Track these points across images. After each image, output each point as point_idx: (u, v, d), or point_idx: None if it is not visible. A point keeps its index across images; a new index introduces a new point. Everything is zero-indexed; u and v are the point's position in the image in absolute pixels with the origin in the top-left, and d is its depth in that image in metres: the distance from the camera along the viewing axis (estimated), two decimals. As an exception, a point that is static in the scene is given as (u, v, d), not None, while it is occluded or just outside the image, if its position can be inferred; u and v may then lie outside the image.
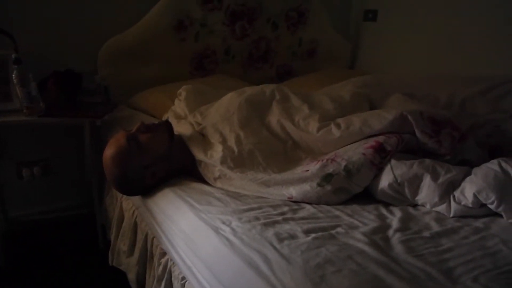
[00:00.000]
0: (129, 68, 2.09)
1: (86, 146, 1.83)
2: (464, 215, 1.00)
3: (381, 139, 1.13)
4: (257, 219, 0.99)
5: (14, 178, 2.03)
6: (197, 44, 2.22)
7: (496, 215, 0.99)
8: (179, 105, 1.57)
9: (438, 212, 1.03)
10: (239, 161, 1.20)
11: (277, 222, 0.98)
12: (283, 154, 1.26)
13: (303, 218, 1.00)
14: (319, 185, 1.08)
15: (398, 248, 0.87)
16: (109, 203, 1.69)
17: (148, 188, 1.27)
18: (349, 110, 1.32)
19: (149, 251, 1.28)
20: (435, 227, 0.96)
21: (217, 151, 1.23)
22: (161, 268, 1.18)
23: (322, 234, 0.92)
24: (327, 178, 1.08)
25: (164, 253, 1.19)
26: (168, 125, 1.33)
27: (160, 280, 1.17)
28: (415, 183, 1.05)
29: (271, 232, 0.93)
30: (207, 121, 1.38)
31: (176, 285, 1.10)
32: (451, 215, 1.01)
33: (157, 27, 2.07)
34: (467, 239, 0.91)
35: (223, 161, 1.19)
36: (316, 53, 2.62)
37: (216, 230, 0.98)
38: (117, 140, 1.23)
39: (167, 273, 1.15)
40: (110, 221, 1.66)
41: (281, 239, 0.90)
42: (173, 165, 1.29)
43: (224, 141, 1.27)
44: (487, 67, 2.00)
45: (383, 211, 1.05)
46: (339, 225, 0.96)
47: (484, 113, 1.38)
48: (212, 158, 1.22)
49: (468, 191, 0.99)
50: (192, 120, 1.43)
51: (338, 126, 1.22)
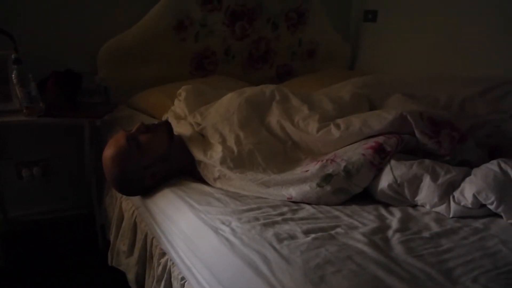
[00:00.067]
0: (129, 68, 2.09)
1: (85, 146, 1.83)
2: (464, 215, 1.00)
3: (380, 139, 1.13)
4: (257, 219, 0.99)
5: (13, 178, 2.03)
6: (197, 44, 2.22)
7: (496, 215, 0.99)
8: (179, 106, 1.56)
9: (437, 213, 1.03)
10: (238, 161, 1.20)
11: (277, 222, 0.98)
12: (282, 154, 1.26)
13: (302, 219, 1.00)
14: (318, 185, 1.08)
15: (398, 249, 0.87)
16: (108, 203, 1.69)
17: (147, 188, 1.27)
18: (348, 111, 1.32)
19: (149, 251, 1.28)
20: (435, 227, 0.96)
21: (217, 151, 1.23)
22: (160, 268, 1.18)
23: (321, 234, 0.92)
24: (326, 178, 1.08)
25: (163, 253, 1.19)
26: (168, 125, 1.33)
27: (159, 281, 1.17)
28: (415, 183, 1.05)
29: (270, 232, 0.93)
30: (207, 121, 1.38)
31: (176, 285, 1.09)
32: (450, 215, 1.01)
33: (157, 27, 2.07)
34: (467, 239, 0.91)
35: (222, 162, 1.19)
36: (316, 53, 2.62)
37: (216, 230, 0.98)
38: (117, 140, 1.23)
39: (167, 273, 1.15)
40: (109, 221, 1.65)
41: (280, 240, 0.90)
42: (172, 165, 1.29)
43: (223, 142, 1.27)
44: (487, 67, 2.00)
45: (383, 211, 1.05)
46: (338, 226, 0.96)
47: (484, 114, 1.38)
48: (211, 158, 1.22)
49: (468, 191, 0.99)
50: (192, 120, 1.43)
51: (337, 126, 1.22)
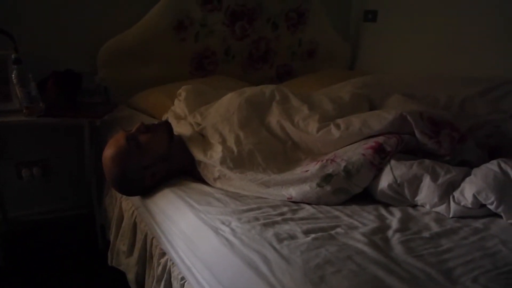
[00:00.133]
0: (129, 68, 2.09)
1: (85, 146, 1.83)
2: (464, 215, 1.00)
3: (380, 139, 1.13)
4: (257, 219, 0.99)
5: (13, 178, 2.03)
6: (197, 44, 2.22)
7: (496, 215, 0.99)
8: (179, 106, 1.56)
9: (437, 213, 1.03)
10: (238, 161, 1.20)
11: (277, 222, 0.98)
12: (282, 154, 1.26)
13: (302, 219, 1.00)
14: (318, 185, 1.08)
15: (398, 249, 0.87)
16: (108, 203, 1.69)
17: (147, 188, 1.27)
18: (348, 111, 1.32)
19: (149, 251, 1.28)
20: (435, 227, 0.96)
21: (217, 151, 1.23)
22: (160, 268, 1.18)
23: (321, 234, 0.92)
24: (326, 178, 1.08)
25: (163, 253, 1.19)
26: (167, 125, 1.33)
27: (159, 281, 1.17)
28: (415, 183, 1.05)
29: (270, 232, 0.93)
30: (207, 121, 1.38)
31: (176, 285, 1.09)
32: (450, 215, 1.01)
33: (157, 27, 2.07)
34: (467, 239, 0.91)
35: (222, 162, 1.19)
36: (316, 53, 2.62)
37: (216, 230, 0.98)
38: (116, 140, 1.23)
39: (167, 273, 1.15)
40: (109, 221, 1.65)
41: (280, 240, 0.89)
42: (172, 165, 1.29)
43: (223, 142, 1.27)
44: (487, 67, 2.00)
45: (383, 211, 1.05)
46: (338, 226, 0.96)
47: (484, 114, 1.38)
48: (211, 158, 1.22)
49: (468, 191, 0.99)
50: (192, 120, 1.43)
51: (337, 126, 1.22)
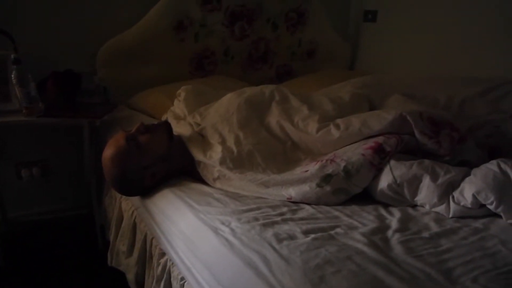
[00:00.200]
0: (128, 68, 2.09)
1: (85, 146, 1.83)
2: (463, 215, 1.00)
3: (380, 139, 1.13)
4: (256, 219, 0.99)
5: (13, 179, 2.03)
6: (197, 44, 2.22)
7: (495, 215, 0.99)
8: (179, 106, 1.56)
9: (437, 213, 1.03)
10: (238, 161, 1.20)
11: (276, 222, 0.98)
12: (282, 154, 1.26)
13: (302, 219, 1.00)
14: (318, 185, 1.08)
15: (398, 249, 0.87)
16: (108, 204, 1.69)
17: (147, 188, 1.27)
18: (348, 111, 1.32)
19: (148, 252, 1.28)
20: (435, 227, 0.96)
21: (216, 151, 1.23)
22: (160, 268, 1.17)
23: (321, 234, 0.92)
24: (326, 178, 1.08)
25: (163, 254, 1.19)
26: (167, 125, 1.33)
27: (159, 281, 1.17)
28: (414, 183, 1.05)
29: (270, 232, 0.93)
30: (207, 121, 1.38)
31: (175, 285, 1.09)
32: (450, 215, 1.01)
33: (156, 27, 2.07)
34: (466, 239, 0.91)
35: (222, 162, 1.19)
36: (316, 53, 2.62)
37: (215, 230, 0.98)
38: (116, 140, 1.23)
39: (166, 273, 1.15)
40: (109, 221, 1.65)
41: (280, 240, 0.89)
42: (172, 165, 1.29)
43: (223, 142, 1.27)
44: (487, 67, 2.00)
45: (382, 211, 1.05)
46: (338, 226, 0.96)
47: (483, 114, 1.38)
48: (211, 158, 1.22)
49: (467, 191, 0.99)
50: (192, 120, 1.43)
51: (337, 126, 1.22)
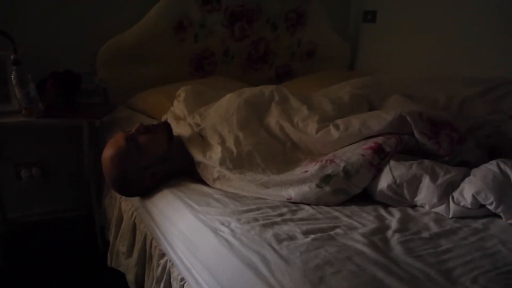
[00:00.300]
0: (128, 69, 2.09)
1: (84, 147, 1.83)
2: (463, 216, 1.00)
3: (380, 140, 1.13)
4: (256, 220, 0.99)
5: (12, 179, 2.03)
6: (196, 45, 2.22)
7: (495, 216, 0.99)
8: (178, 106, 1.56)
9: (437, 213, 1.03)
10: (238, 162, 1.20)
11: (276, 223, 0.98)
12: (282, 155, 1.26)
13: (302, 219, 1.00)
14: (318, 186, 1.08)
15: (397, 249, 0.87)
16: (108, 204, 1.69)
17: (147, 189, 1.27)
18: (348, 111, 1.32)
19: (148, 252, 1.27)
20: (434, 228, 0.96)
21: (216, 152, 1.23)
22: (160, 269, 1.17)
23: (321, 235, 0.91)
24: (326, 179, 1.08)
25: (163, 254, 1.19)
26: (167, 126, 1.33)
27: (159, 281, 1.17)
28: (414, 184, 1.05)
29: (270, 233, 0.93)
30: (206, 122, 1.38)
31: (175, 286, 1.09)
32: (450, 216, 1.01)
33: (156, 27, 2.07)
34: (466, 240, 0.91)
35: (222, 162, 1.19)
36: (316, 54, 2.62)
37: (215, 231, 0.98)
38: (116, 141, 1.23)
39: (166, 274, 1.15)
40: (109, 222, 1.65)
41: (280, 240, 0.89)
42: (172, 166, 1.29)
43: (223, 142, 1.27)
44: (487, 67, 2.00)
45: (382, 212, 1.05)
46: (338, 226, 0.96)
47: (483, 114, 1.38)
48: (211, 159, 1.22)
49: (467, 192, 0.99)
50: (191, 121, 1.43)
51: (337, 127, 1.22)
